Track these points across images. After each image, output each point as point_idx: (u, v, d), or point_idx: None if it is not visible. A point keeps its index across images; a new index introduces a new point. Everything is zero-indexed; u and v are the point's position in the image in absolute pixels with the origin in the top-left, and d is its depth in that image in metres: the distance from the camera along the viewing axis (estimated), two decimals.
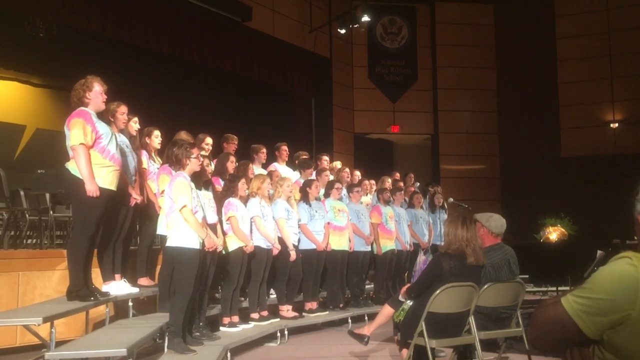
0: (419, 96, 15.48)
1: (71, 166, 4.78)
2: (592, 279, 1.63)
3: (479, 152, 15.29)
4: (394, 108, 15.33)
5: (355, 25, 13.66)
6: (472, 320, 4.31)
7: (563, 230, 10.44)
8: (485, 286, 4.35)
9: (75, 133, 4.67)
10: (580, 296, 1.62)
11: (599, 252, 6.89)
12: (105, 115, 5.23)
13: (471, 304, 4.26)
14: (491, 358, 4.91)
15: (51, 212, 6.77)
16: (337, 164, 9.11)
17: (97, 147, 4.81)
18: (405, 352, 4.39)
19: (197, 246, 4.75)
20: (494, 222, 4.95)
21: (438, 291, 4.05)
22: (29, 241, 6.93)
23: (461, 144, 15.28)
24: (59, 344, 4.49)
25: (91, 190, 4.65)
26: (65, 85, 8.81)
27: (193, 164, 4.91)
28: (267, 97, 12.70)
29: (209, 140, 6.62)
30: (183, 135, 6.07)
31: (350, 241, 7.56)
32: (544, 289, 9.87)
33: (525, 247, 7.71)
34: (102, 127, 4.89)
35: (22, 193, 6.87)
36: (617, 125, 14.49)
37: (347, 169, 8.74)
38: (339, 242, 7.40)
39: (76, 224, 5.03)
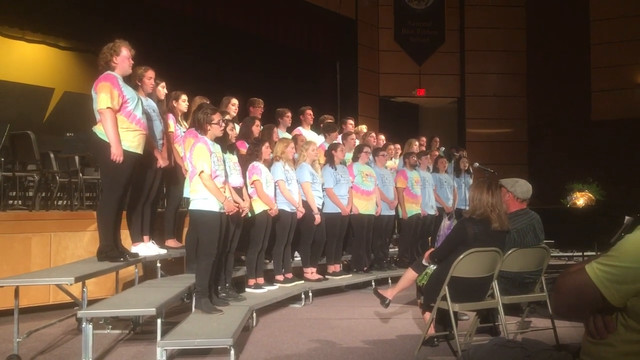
0: (445, 58, 15.20)
1: (99, 130, 4.84)
2: (618, 246, 1.62)
3: (506, 115, 15.03)
4: (420, 71, 15.09)
5: None
6: (495, 285, 4.33)
7: (591, 195, 10.28)
8: (510, 251, 4.35)
9: (103, 97, 4.71)
10: (605, 264, 1.61)
11: (626, 217, 6.80)
12: (132, 80, 5.27)
13: (495, 269, 4.27)
14: (514, 322, 4.93)
15: (80, 175, 6.90)
16: (363, 128, 9.07)
17: (123, 111, 4.86)
18: (428, 315, 4.44)
19: (217, 209, 4.81)
20: (519, 188, 4.91)
21: (462, 256, 4.06)
22: (60, 203, 7.09)
23: (488, 107, 15.02)
24: (91, 302, 4.64)
25: (116, 154, 4.71)
26: (91, 48, 8.90)
27: (215, 129, 4.94)
28: (292, 60, 12.59)
29: (235, 101, 6.65)
30: (198, 100, 6.09)
31: (377, 206, 7.57)
32: (570, 254, 9.80)
33: (551, 212, 7.63)
34: (128, 91, 4.93)
35: (52, 155, 6.99)
36: None
37: (374, 133, 8.70)
38: (366, 206, 7.42)
39: (105, 187, 5.14)
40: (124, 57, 4.89)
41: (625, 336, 1.61)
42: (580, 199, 10.21)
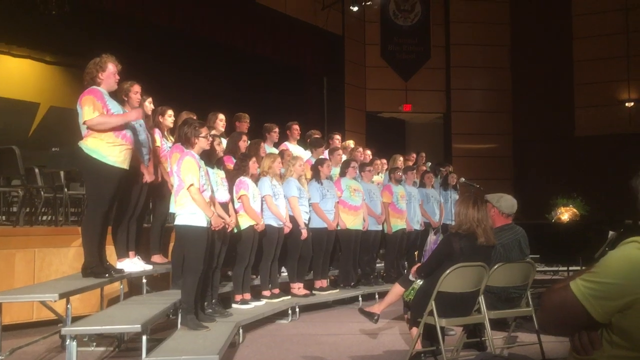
0: (431, 74, 15.36)
1: (84, 145, 4.81)
2: (601, 263, 1.64)
3: (491, 131, 15.20)
4: (406, 87, 15.23)
5: (368, 2, 13.54)
6: (482, 299, 4.34)
7: (575, 210, 10.37)
8: (496, 266, 4.37)
9: (87, 110, 4.70)
10: (589, 280, 1.63)
11: (610, 232, 6.87)
12: (118, 95, 5.26)
13: (481, 283, 4.28)
14: (501, 337, 4.95)
15: (66, 190, 6.85)
16: (350, 143, 9.10)
17: None
18: (415, 330, 4.43)
19: (204, 224, 4.78)
20: (504, 203, 4.96)
21: (448, 271, 4.07)
22: (44, 218, 7.02)
23: (474, 123, 15.18)
24: (75, 319, 4.57)
25: (133, 115, 4.91)
26: (78, 63, 8.85)
27: (202, 143, 4.93)
28: (279, 76, 12.65)
29: (221, 116, 6.65)
30: (184, 115, 6.09)
31: (364, 221, 7.59)
32: (555, 268, 9.86)
33: (536, 227, 7.69)
34: (113, 105, 4.91)
35: (36, 170, 6.94)
36: (632, 104, 14.31)
37: (360, 148, 8.73)
38: (354, 222, 7.43)
39: (90, 202, 5.10)
40: (110, 72, 4.88)
41: (610, 352, 1.63)
42: (565, 214, 10.28)
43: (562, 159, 14.09)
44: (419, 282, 4.50)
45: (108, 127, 4.78)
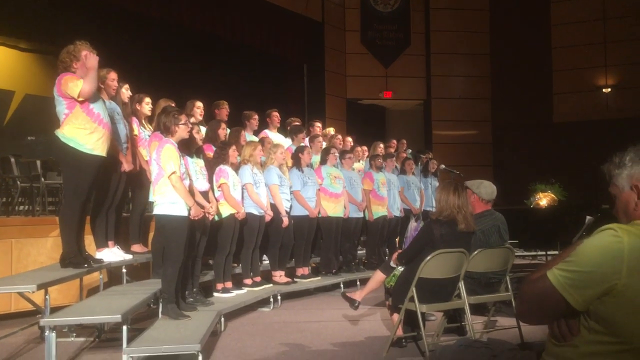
0: (411, 61, 15.36)
1: (61, 133, 4.74)
2: (578, 251, 1.65)
3: (471, 117, 15.27)
4: (387, 73, 15.22)
5: None
6: (462, 285, 4.38)
7: (553, 196, 10.53)
8: (475, 252, 4.41)
9: (72, 86, 4.60)
10: (566, 270, 1.64)
11: (588, 217, 6.97)
12: None
13: (461, 269, 4.32)
14: (480, 322, 5.00)
15: (42, 179, 6.75)
16: (330, 130, 9.08)
17: (85, 108, 4.73)
18: (396, 316, 4.46)
19: (184, 213, 4.73)
20: (484, 189, 5.00)
21: (429, 257, 4.10)
22: (21, 208, 6.93)
23: (454, 110, 15.23)
24: (54, 310, 4.52)
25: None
26: (53, 50, 8.70)
27: (182, 131, 4.87)
28: (258, 63, 12.55)
29: (199, 104, 6.56)
30: (162, 102, 6.01)
31: (345, 208, 7.60)
32: (534, 253, 10.01)
33: (515, 213, 7.80)
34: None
35: (12, 160, 6.84)
36: (609, 90, 14.48)
37: (340, 136, 8.72)
38: (335, 209, 7.44)
39: (67, 191, 5.03)
40: (84, 61, 4.78)
41: (588, 338, 1.64)
42: (543, 200, 10.44)
43: (540, 145, 14.24)
44: (400, 269, 4.52)
45: (95, 83, 4.71)
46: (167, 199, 4.70)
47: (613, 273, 1.57)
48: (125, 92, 5.78)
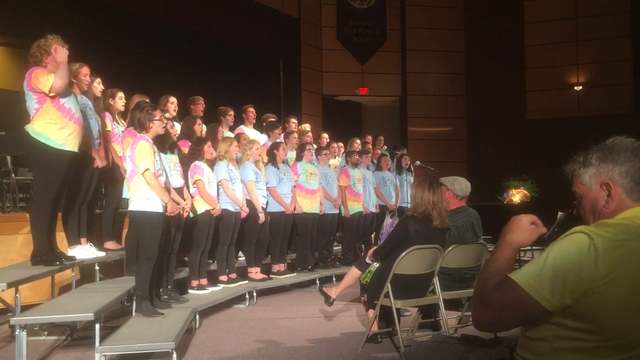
0: (387, 58, 15.41)
1: (31, 128, 4.65)
2: (550, 256, 1.63)
3: (446, 114, 15.39)
4: (363, 70, 15.25)
5: None
6: (436, 281, 4.42)
7: (526, 192, 10.67)
8: (450, 248, 4.45)
9: (43, 80, 4.52)
10: (539, 275, 1.62)
11: (559, 213, 7.06)
12: None
13: (436, 265, 4.36)
14: (454, 317, 5.06)
15: (13, 175, 6.63)
16: (306, 127, 9.07)
17: (56, 103, 4.65)
18: (371, 312, 4.49)
19: (160, 210, 4.70)
20: (458, 186, 5.05)
21: (404, 253, 4.13)
22: None
23: (429, 106, 15.34)
24: (25, 308, 4.45)
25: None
26: (23, 44, 8.52)
27: (156, 127, 4.82)
28: (234, 58, 12.46)
29: (173, 99, 6.50)
30: (136, 98, 5.94)
31: (321, 204, 7.60)
32: None
33: (489, 209, 7.87)
34: None
35: None
36: (581, 88, 14.72)
37: (310, 132, 8.68)
38: (310, 205, 7.43)
39: (38, 187, 4.94)
40: (54, 55, 4.69)
41: (560, 333, 1.65)
42: (516, 196, 10.58)
43: (513, 142, 14.42)
44: (375, 265, 4.55)
45: (66, 77, 4.61)
46: (142, 195, 4.66)
47: (589, 276, 1.57)
48: (97, 86, 5.69)
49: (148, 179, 4.60)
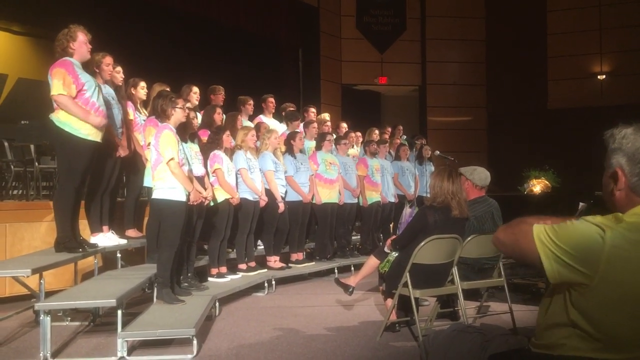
0: (407, 47, 15.31)
1: (55, 117, 4.72)
2: (567, 228, 1.65)
3: (466, 103, 15.26)
4: (382, 59, 15.16)
5: None
6: (455, 271, 4.41)
7: (547, 182, 10.56)
8: (469, 238, 4.43)
9: (56, 84, 4.60)
10: (551, 238, 1.65)
11: (580, 204, 6.99)
12: (90, 66, 5.14)
13: (455, 255, 4.35)
14: (473, 307, 5.05)
15: (36, 164, 6.73)
16: (325, 116, 9.07)
17: (80, 98, 4.74)
18: (389, 301, 4.50)
19: (183, 199, 4.75)
20: (477, 175, 5.01)
21: (423, 243, 4.12)
22: (15, 192, 6.90)
23: (449, 96, 15.22)
24: (49, 294, 4.53)
25: (96, 121, 4.74)
26: (47, 34, 8.63)
27: (178, 114, 4.86)
28: (254, 48, 12.47)
29: (195, 89, 6.53)
30: (157, 87, 5.98)
31: (340, 194, 7.61)
32: None
33: (509, 199, 7.81)
34: (85, 77, 4.80)
35: (6, 144, 6.80)
36: (604, 77, 14.49)
37: (329, 122, 8.69)
38: (330, 195, 7.45)
39: (62, 176, 5.02)
40: (80, 42, 4.77)
41: (572, 331, 1.67)
42: (537, 186, 10.48)
43: (534, 132, 14.26)
44: (394, 254, 4.55)
45: (69, 112, 4.68)
46: (166, 184, 4.71)
47: (589, 266, 1.58)
48: (118, 75, 5.74)
49: (172, 168, 4.65)
